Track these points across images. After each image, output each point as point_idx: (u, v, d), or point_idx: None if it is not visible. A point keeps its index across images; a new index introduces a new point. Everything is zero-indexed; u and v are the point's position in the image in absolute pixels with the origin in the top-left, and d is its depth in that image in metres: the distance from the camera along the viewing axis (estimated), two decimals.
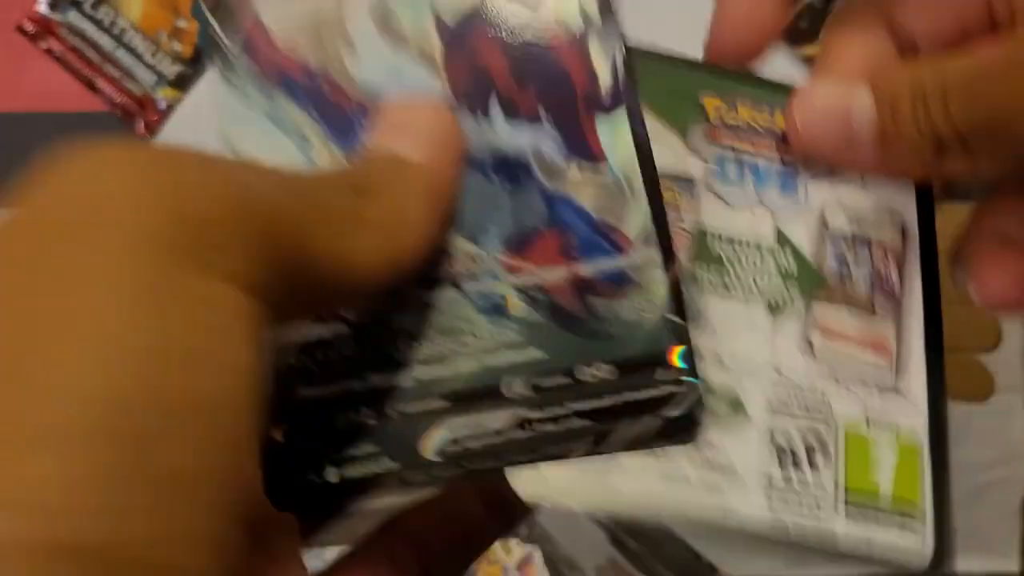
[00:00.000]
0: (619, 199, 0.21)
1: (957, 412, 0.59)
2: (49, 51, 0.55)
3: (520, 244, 0.21)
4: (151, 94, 0.56)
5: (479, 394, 0.21)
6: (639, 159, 0.21)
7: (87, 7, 0.55)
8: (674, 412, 0.21)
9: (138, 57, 0.56)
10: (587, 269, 0.21)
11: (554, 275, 0.21)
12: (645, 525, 0.48)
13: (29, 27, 0.55)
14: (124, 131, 0.56)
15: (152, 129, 0.56)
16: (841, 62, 0.25)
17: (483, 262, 0.21)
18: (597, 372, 0.21)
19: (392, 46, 0.22)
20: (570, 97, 0.22)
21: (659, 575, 0.46)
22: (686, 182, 0.26)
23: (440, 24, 0.22)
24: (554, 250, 0.21)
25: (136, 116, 0.56)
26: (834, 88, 0.25)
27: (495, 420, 0.21)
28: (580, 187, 0.22)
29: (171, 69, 0.56)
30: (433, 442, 0.21)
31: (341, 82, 0.22)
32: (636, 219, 0.21)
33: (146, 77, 0.56)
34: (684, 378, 0.21)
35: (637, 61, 0.22)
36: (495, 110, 0.22)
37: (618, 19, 0.22)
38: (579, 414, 0.21)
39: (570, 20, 0.22)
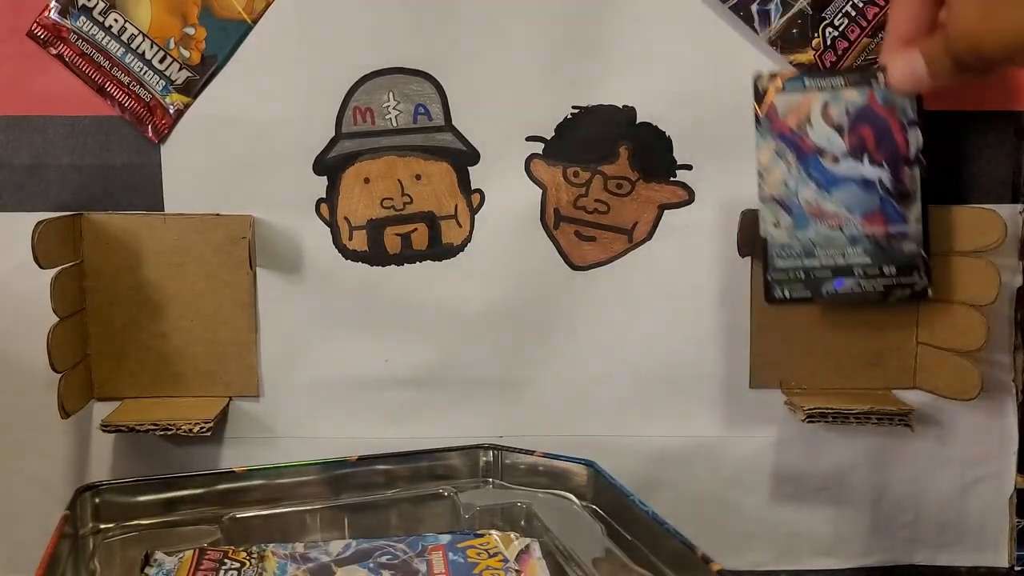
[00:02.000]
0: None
1: (947, 409, 0.61)
2: (60, 56, 0.56)
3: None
4: (160, 99, 0.57)
5: None
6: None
7: (96, 13, 0.56)
8: None
9: (147, 63, 0.56)
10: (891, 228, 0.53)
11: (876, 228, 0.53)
12: (640, 518, 0.49)
13: (40, 32, 0.56)
14: (135, 135, 0.57)
15: (161, 134, 0.57)
16: (900, 30, 0.48)
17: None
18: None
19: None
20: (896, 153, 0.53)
21: (653, 566, 0.47)
22: None
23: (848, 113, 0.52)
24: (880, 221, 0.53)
25: (146, 121, 0.57)
26: (904, 58, 0.47)
27: None
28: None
29: (180, 75, 0.57)
30: None
31: (805, 138, 0.53)
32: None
33: (155, 83, 0.57)
34: None
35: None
36: (865, 157, 0.53)
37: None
38: None
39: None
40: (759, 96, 0.53)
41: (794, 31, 0.56)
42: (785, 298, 0.54)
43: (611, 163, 0.58)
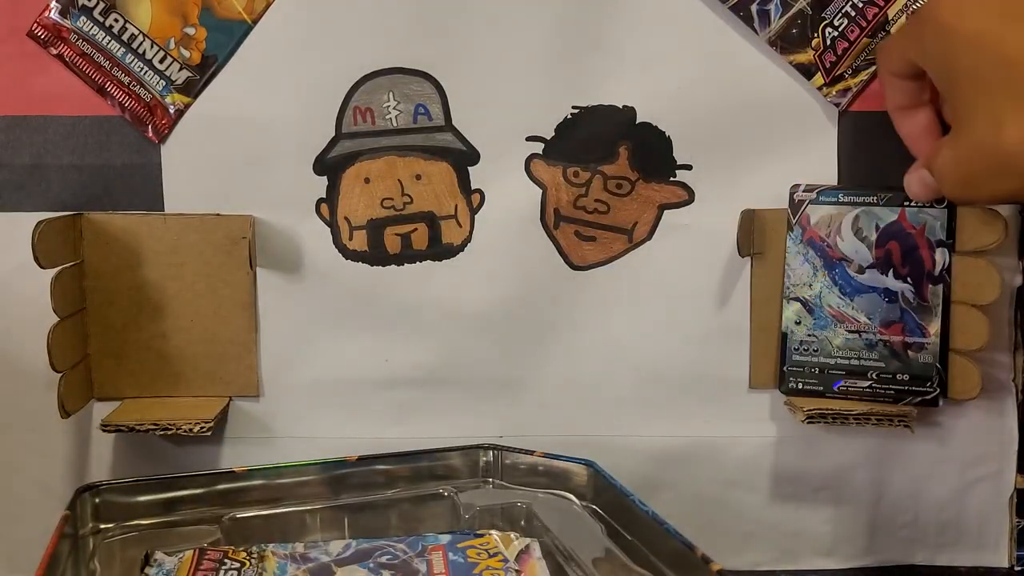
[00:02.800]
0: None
1: (947, 409, 0.61)
2: (60, 56, 0.56)
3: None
4: (160, 99, 0.57)
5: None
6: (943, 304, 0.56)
7: (96, 13, 0.56)
8: None
9: (147, 63, 0.57)
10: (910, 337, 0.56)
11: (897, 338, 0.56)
12: (640, 518, 0.49)
13: (40, 32, 0.56)
14: (135, 135, 0.57)
15: (161, 134, 0.57)
16: (895, 102, 0.53)
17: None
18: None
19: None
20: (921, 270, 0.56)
21: (653, 566, 0.47)
22: None
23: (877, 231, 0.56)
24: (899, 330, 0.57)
25: (146, 121, 0.57)
26: (916, 175, 0.52)
27: None
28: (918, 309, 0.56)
29: (180, 75, 0.57)
30: None
31: (833, 247, 0.57)
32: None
33: (155, 83, 0.57)
34: None
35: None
36: (890, 271, 0.56)
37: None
38: None
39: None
40: (794, 204, 0.57)
41: (794, 31, 0.56)
42: (798, 389, 0.58)
43: (611, 163, 0.58)
